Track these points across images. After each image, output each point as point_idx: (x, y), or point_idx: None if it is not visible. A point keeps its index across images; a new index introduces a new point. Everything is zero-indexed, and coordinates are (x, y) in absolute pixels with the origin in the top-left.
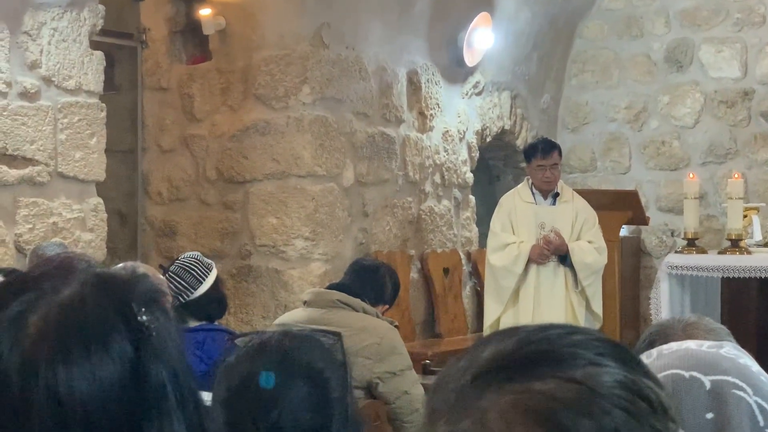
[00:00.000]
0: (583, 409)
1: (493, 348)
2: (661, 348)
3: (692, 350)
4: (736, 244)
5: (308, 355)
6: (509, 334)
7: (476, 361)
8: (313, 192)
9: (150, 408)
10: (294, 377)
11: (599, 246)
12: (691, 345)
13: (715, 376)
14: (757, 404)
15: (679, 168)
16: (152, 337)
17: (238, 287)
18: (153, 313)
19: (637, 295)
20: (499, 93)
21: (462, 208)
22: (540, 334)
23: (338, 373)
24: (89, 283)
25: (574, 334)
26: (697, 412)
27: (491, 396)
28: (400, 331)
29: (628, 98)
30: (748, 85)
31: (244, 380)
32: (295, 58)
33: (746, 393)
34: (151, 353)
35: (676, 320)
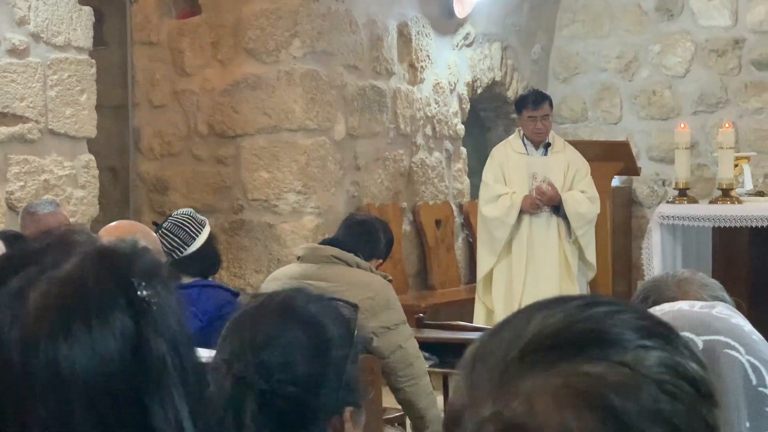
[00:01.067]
0: (632, 394)
1: (538, 322)
2: (654, 309)
3: (684, 311)
4: (727, 194)
5: (314, 308)
6: (554, 305)
7: (521, 336)
8: (304, 146)
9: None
10: (294, 322)
11: (592, 195)
12: (684, 306)
13: (707, 336)
14: (749, 363)
15: (670, 117)
16: (153, 311)
17: (230, 242)
18: (154, 288)
19: (629, 244)
20: (490, 44)
21: (453, 159)
22: (587, 311)
23: (343, 336)
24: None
25: (620, 312)
26: None
27: (540, 376)
28: (394, 283)
29: (618, 48)
30: (739, 34)
31: (243, 319)
32: (286, 12)
33: (738, 352)
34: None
35: (669, 276)
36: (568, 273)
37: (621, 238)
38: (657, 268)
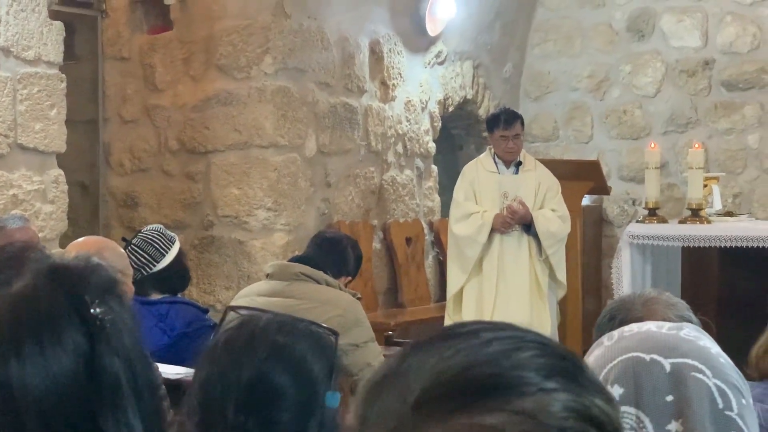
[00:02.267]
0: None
1: (434, 366)
2: (622, 330)
3: (652, 332)
4: (697, 214)
5: (300, 349)
6: (449, 345)
7: (414, 385)
8: (275, 162)
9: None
10: (281, 373)
11: (563, 214)
12: (652, 327)
13: (675, 358)
14: (716, 386)
15: (640, 137)
16: (106, 328)
17: (200, 258)
18: (107, 304)
19: (599, 263)
20: (462, 62)
21: (424, 177)
22: (485, 351)
23: (325, 377)
24: (42, 274)
25: (519, 350)
26: (657, 394)
27: (435, 428)
28: (363, 300)
29: (590, 67)
30: (709, 55)
31: (226, 368)
32: (257, 28)
33: (705, 375)
34: (105, 345)
35: (636, 295)
36: (538, 291)
37: (591, 256)
38: (626, 287)
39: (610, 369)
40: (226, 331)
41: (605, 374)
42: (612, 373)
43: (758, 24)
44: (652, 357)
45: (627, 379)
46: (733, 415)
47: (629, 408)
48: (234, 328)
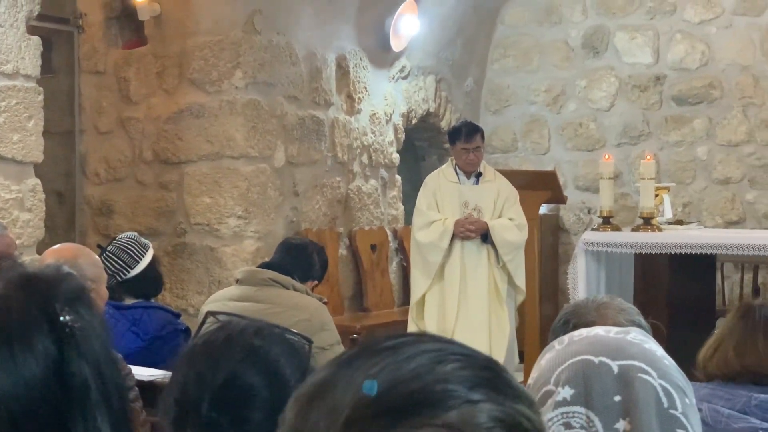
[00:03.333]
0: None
1: (359, 387)
2: (572, 334)
3: (601, 336)
4: (648, 222)
5: (275, 353)
6: (374, 362)
7: (345, 397)
8: (245, 172)
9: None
10: (255, 374)
11: (520, 223)
12: (600, 331)
13: (622, 361)
14: (661, 387)
15: (595, 149)
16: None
17: (173, 264)
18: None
19: (556, 269)
20: (425, 77)
21: (389, 187)
22: (407, 367)
23: (298, 377)
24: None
25: (441, 363)
26: (606, 395)
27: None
28: (330, 305)
29: (547, 82)
30: (660, 71)
31: (203, 367)
32: (228, 44)
33: (651, 377)
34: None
35: (589, 301)
36: (497, 297)
37: (548, 263)
38: (582, 292)
39: (561, 371)
40: (205, 333)
41: (556, 376)
42: (563, 375)
43: (706, 42)
44: (600, 359)
45: (577, 380)
46: (678, 413)
47: (579, 408)
48: (213, 331)
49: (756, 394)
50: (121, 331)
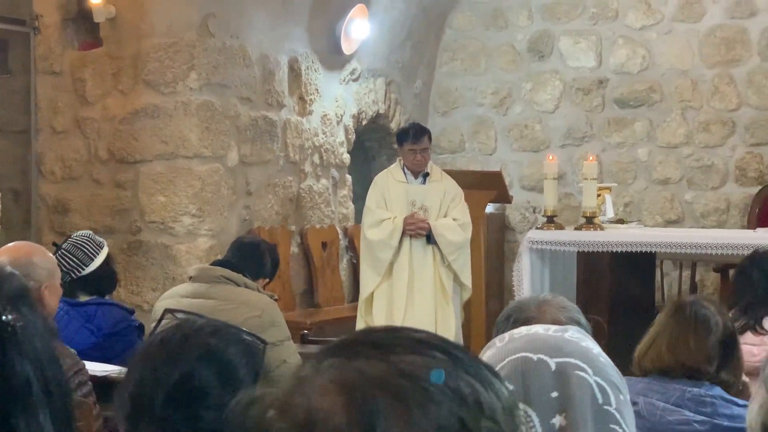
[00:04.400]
0: (384, 387)
1: (342, 337)
2: (512, 332)
3: (540, 334)
4: (591, 221)
5: (230, 353)
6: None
7: (324, 346)
8: (199, 172)
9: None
10: (209, 373)
11: (464, 222)
12: (539, 329)
13: (559, 358)
14: (596, 383)
15: (540, 150)
16: (17, 335)
17: (129, 261)
18: (19, 311)
19: (502, 267)
20: (375, 79)
21: (339, 186)
22: (388, 330)
23: (252, 377)
24: None
25: (417, 332)
26: (543, 391)
27: (317, 368)
28: (282, 301)
29: (494, 85)
30: (603, 74)
31: (158, 365)
32: (183, 46)
33: (587, 373)
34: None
35: (532, 298)
36: (443, 294)
37: (494, 261)
38: (527, 289)
39: (501, 368)
40: (162, 331)
41: None
42: (502, 372)
43: (647, 47)
44: (539, 357)
45: (516, 377)
46: (612, 409)
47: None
48: (170, 329)
49: (689, 388)
50: (76, 327)
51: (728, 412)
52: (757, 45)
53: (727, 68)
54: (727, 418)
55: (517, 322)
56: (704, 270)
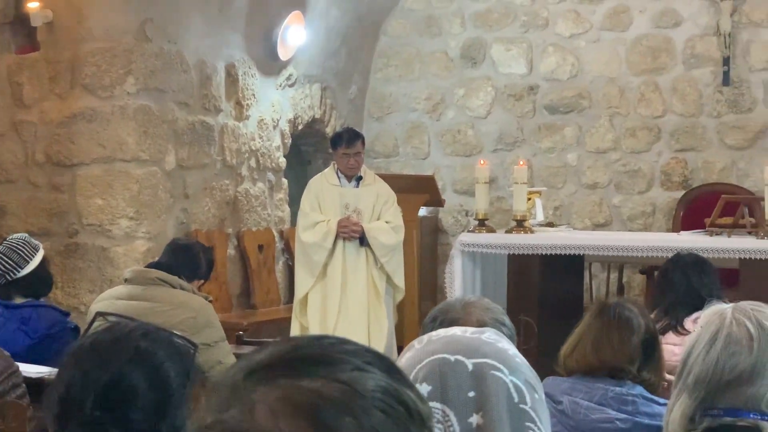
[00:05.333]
0: (345, 408)
1: (268, 351)
2: (431, 334)
3: (457, 336)
4: (521, 224)
5: (160, 356)
6: (286, 341)
7: (252, 361)
8: (137, 175)
9: None
10: (139, 376)
11: (396, 225)
12: (457, 331)
13: (476, 359)
14: (512, 383)
15: (472, 154)
16: None
17: (65, 263)
18: None
19: (435, 269)
20: (311, 85)
21: (275, 190)
22: (315, 342)
23: (181, 386)
24: None
25: (346, 344)
26: (461, 390)
27: (262, 389)
28: (218, 302)
29: (427, 90)
30: (534, 81)
31: (89, 367)
32: (120, 51)
33: (503, 373)
34: None
35: (457, 300)
36: (376, 295)
37: (427, 263)
38: (458, 290)
39: (419, 369)
40: (93, 333)
41: (415, 374)
42: (421, 373)
43: (576, 55)
44: (456, 358)
45: (434, 377)
46: (527, 408)
47: (436, 404)
48: (101, 332)
49: (612, 387)
50: (11, 329)
51: (649, 410)
52: (681, 54)
53: (652, 76)
54: (647, 416)
55: (443, 324)
56: (631, 272)
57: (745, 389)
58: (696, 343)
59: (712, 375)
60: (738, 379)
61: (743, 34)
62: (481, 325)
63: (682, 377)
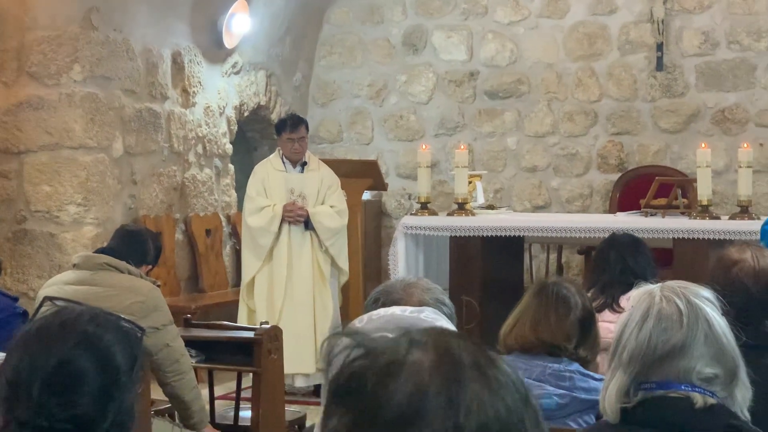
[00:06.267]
0: (473, 361)
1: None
2: (371, 313)
3: (397, 315)
4: (462, 207)
5: (107, 340)
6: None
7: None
8: (84, 162)
9: None
10: (89, 359)
11: (340, 209)
12: (397, 311)
13: None
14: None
15: (415, 139)
16: None
17: (14, 250)
18: None
19: (379, 251)
20: (256, 72)
21: (222, 175)
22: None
23: (128, 370)
24: None
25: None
26: None
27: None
28: (167, 287)
29: (370, 77)
30: (474, 67)
31: (36, 351)
32: (66, 39)
33: None
34: None
35: (398, 281)
36: (321, 277)
37: (372, 245)
38: (402, 272)
39: None
40: (41, 318)
41: None
42: None
43: (515, 41)
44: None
45: None
46: None
47: None
48: (48, 317)
49: (550, 364)
50: None
51: (585, 385)
52: (616, 40)
53: (589, 62)
54: (584, 391)
55: (385, 304)
56: (569, 252)
57: (677, 363)
58: (628, 322)
59: (646, 351)
60: (670, 353)
61: (676, 20)
62: (422, 304)
63: (616, 354)
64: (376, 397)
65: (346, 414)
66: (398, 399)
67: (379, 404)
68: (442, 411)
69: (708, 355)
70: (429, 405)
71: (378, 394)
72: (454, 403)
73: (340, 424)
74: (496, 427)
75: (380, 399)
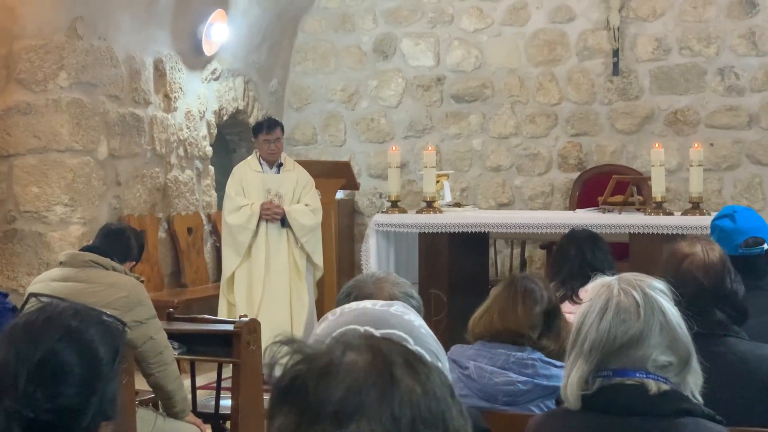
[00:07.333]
0: (403, 356)
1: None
2: (344, 307)
3: (368, 309)
4: (431, 205)
5: (90, 334)
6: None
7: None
8: (71, 164)
9: None
10: (73, 351)
11: (315, 208)
12: (368, 304)
13: (384, 329)
14: (417, 352)
15: (385, 141)
16: None
17: (4, 248)
18: None
19: (352, 248)
20: (234, 78)
21: (203, 176)
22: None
23: (110, 361)
24: None
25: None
26: None
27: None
28: (151, 282)
29: (343, 82)
30: (441, 72)
31: (22, 345)
32: (53, 48)
33: (409, 343)
34: None
35: (369, 276)
36: (297, 273)
37: (345, 242)
38: (374, 267)
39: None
40: (27, 313)
41: None
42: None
43: (479, 48)
44: (365, 328)
45: None
46: None
47: None
48: (33, 312)
49: (513, 353)
50: None
51: (547, 373)
52: (575, 47)
53: (549, 67)
54: (546, 378)
55: (357, 298)
56: (532, 247)
57: (634, 352)
58: (588, 314)
59: (606, 341)
60: (628, 343)
61: (631, 28)
62: (392, 298)
63: (576, 344)
64: (317, 394)
65: (291, 412)
66: (338, 395)
67: (321, 400)
68: (379, 403)
69: (663, 344)
70: (366, 399)
71: (319, 391)
72: (388, 396)
73: (286, 421)
74: (428, 416)
75: (321, 396)
